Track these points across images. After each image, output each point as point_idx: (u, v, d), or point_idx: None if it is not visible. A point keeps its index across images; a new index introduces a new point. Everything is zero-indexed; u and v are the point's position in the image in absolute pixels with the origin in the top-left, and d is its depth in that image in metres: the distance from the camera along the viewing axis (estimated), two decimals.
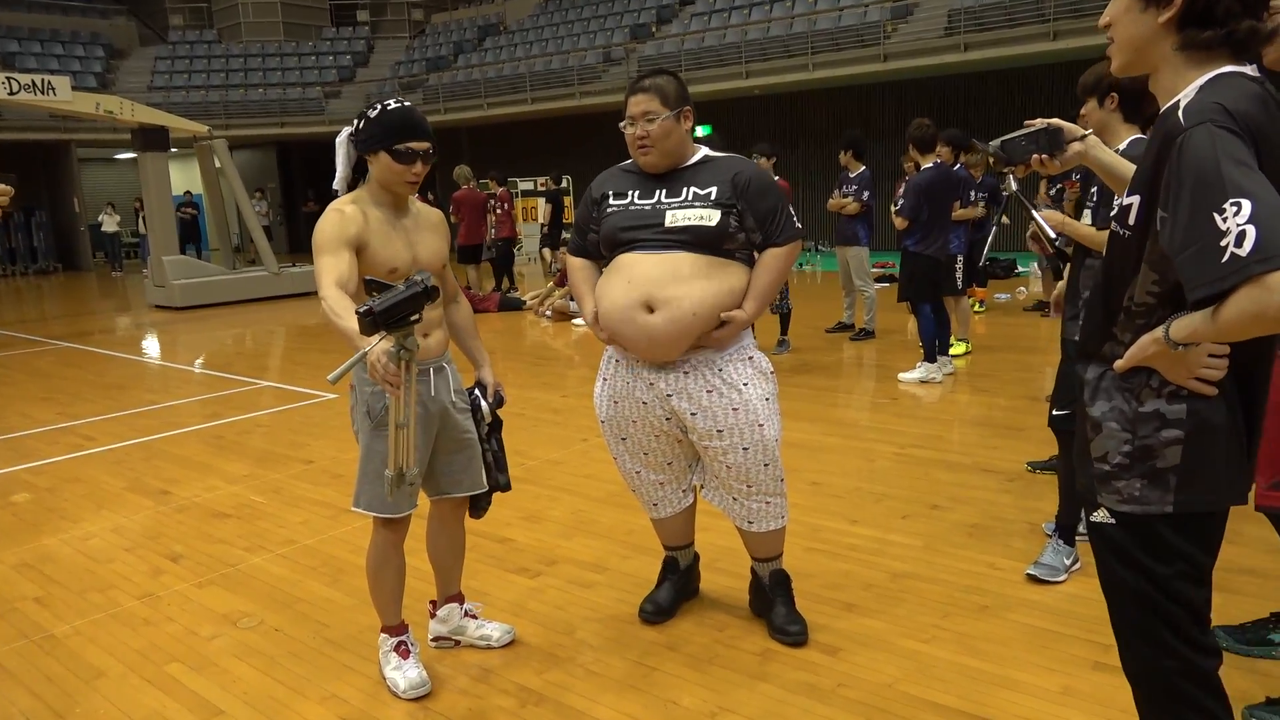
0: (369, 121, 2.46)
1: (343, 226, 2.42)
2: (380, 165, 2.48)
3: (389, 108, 2.47)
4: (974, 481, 4.21)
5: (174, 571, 3.60)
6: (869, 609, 3.02)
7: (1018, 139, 1.93)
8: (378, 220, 2.49)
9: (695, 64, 16.11)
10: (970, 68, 14.00)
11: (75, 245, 21.51)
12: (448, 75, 20.81)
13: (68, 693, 2.72)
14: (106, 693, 2.72)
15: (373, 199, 2.53)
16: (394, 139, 2.43)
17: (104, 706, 2.64)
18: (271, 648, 2.95)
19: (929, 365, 6.23)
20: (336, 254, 2.39)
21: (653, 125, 2.59)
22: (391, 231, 2.51)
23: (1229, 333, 1.34)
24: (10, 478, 5.00)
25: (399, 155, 2.44)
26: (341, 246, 2.40)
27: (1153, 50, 1.50)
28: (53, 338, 10.52)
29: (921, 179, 6.14)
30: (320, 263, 2.40)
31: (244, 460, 5.13)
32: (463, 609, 2.90)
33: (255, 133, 21.26)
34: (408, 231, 2.56)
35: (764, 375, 2.72)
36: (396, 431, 2.29)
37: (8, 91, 10.98)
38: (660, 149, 2.63)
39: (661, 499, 2.91)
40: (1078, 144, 1.92)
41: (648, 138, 2.61)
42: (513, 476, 3.73)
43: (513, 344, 8.89)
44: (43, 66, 19.73)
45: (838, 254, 8.11)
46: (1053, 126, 1.92)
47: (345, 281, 2.36)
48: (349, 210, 2.46)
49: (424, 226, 2.63)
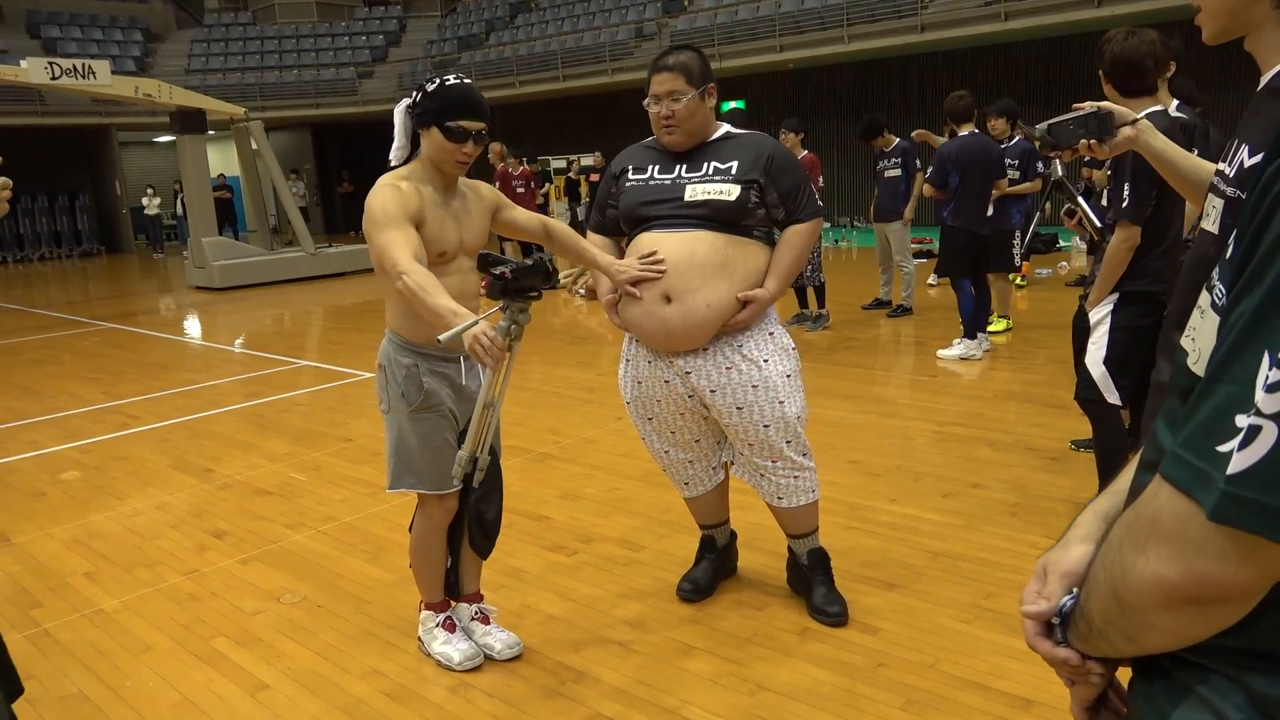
0: (427, 95, 2.41)
1: (403, 201, 2.33)
2: (432, 141, 2.41)
3: (448, 83, 2.41)
4: (1015, 460, 4.15)
5: (218, 548, 3.67)
6: (909, 588, 2.99)
7: (1065, 122, 1.88)
8: (431, 198, 2.43)
9: (728, 38, 15.92)
10: (1010, 38, 13.68)
11: (117, 228, 21.89)
12: (479, 54, 20.78)
13: (118, 666, 2.78)
14: (155, 666, 2.77)
15: (424, 177, 2.46)
16: (449, 115, 2.38)
17: (153, 680, 2.70)
18: (314, 623, 2.99)
19: (969, 342, 6.14)
20: (403, 228, 2.28)
21: (678, 105, 2.57)
22: (442, 213, 2.45)
23: None
24: (60, 456, 5.11)
25: (450, 133, 2.38)
26: (406, 221, 2.30)
27: (1251, 9, 1.36)
28: (96, 319, 10.72)
29: (948, 147, 6.04)
30: (386, 238, 2.25)
31: (284, 439, 5.19)
32: (473, 609, 2.79)
33: (290, 114, 21.42)
34: (456, 214, 2.50)
35: (785, 352, 2.70)
36: (484, 411, 2.28)
37: (50, 76, 11.15)
38: (686, 128, 2.60)
39: (692, 477, 2.90)
40: (1128, 129, 1.85)
41: (673, 117, 2.58)
42: (548, 454, 3.76)
43: (546, 322, 8.90)
44: (82, 51, 20.00)
45: (876, 230, 8.01)
46: (1103, 110, 1.85)
47: (420, 256, 2.25)
48: (405, 186, 2.38)
49: (472, 209, 2.56)
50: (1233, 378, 0.65)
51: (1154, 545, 0.69)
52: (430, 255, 2.38)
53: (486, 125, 2.44)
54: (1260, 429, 0.61)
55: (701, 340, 2.61)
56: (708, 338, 2.61)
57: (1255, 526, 0.62)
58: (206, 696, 2.60)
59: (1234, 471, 0.62)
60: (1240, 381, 0.64)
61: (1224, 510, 0.63)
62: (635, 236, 2.71)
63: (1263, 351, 0.63)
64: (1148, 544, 0.69)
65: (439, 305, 2.09)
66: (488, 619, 2.78)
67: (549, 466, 4.44)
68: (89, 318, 10.86)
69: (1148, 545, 0.69)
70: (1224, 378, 0.66)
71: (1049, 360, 5.96)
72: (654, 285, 2.58)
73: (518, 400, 5.60)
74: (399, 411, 2.54)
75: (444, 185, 2.49)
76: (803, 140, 7.28)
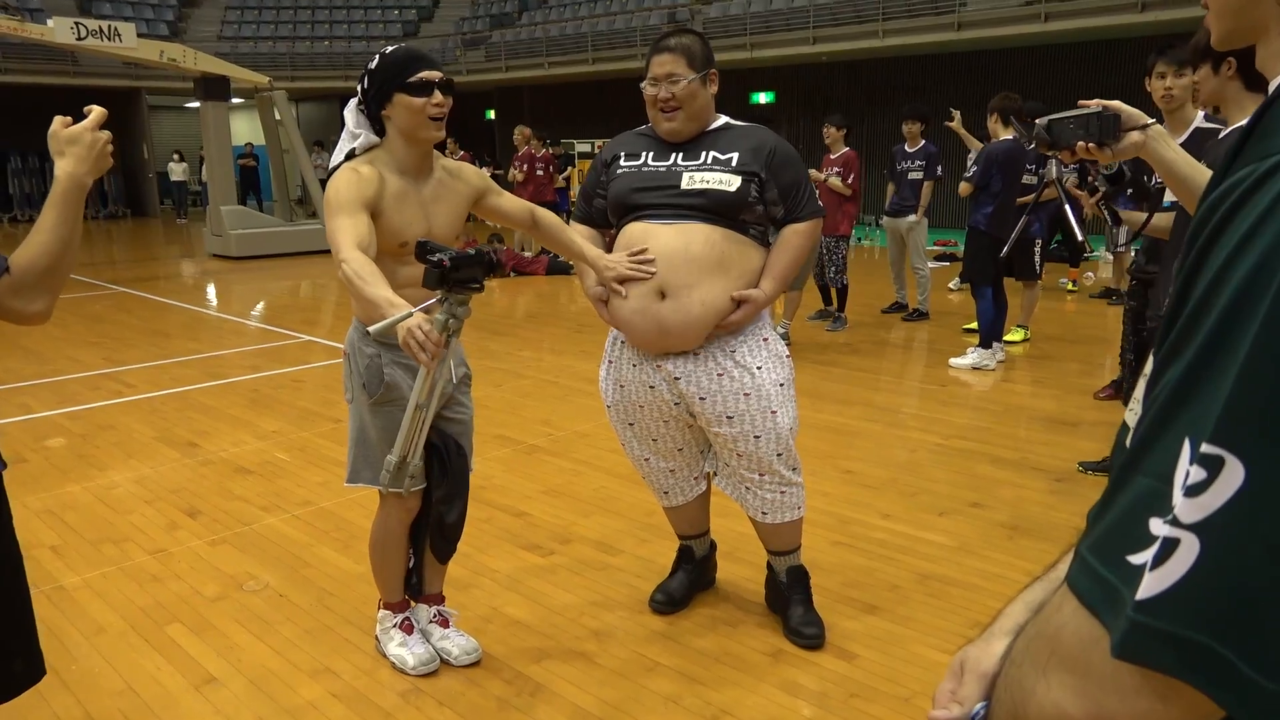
0: (373, 71, 2.29)
1: (360, 187, 2.22)
2: (399, 111, 2.27)
3: (388, 50, 2.31)
4: (1019, 479, 3.98)
5: (189, 527, 3.58)
6: (892, 612, 2.85)
7: (1066, 120, 1.70)
8: (395, 186, 2.30)
9: (763, 27, 15.66)
10: (1051, 39, 13.34)
11: (144, 191, 21.96)
12: (510, 32, 20.61)
13: (68, 648, 2.70)
14: (105, 650, 2.69)
15: (390, 163, 2.32)
16: (406, 73, 2.25)
17: (100, 665, 2.61)
18: (273, 613, 2.90)
19: (983, 351, 5.95)
20: (354, 215, 2.17)
21: (677, 87, 2.42)
22: (407, 200, 2.32)
23: None
24: (48, 422, 5.06)
25: (414, 88, 2.24)
26: (359, 208, 2.19)
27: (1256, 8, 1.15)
28: (111, 282, 10.72)
29: (996, 148, 5.84)
30: (335, 223, 2.16)
31: (275, 416, 5.11)
32: (433, 611, 2.67)
33: (320, 85, 21.36)
34: (425, 203, 2.36)
35: (779, 359, 2.55)
36: (414, 412, 2.16)
37: (75, 37, 11.12)
38: (686, 112, 2.46)
39: (672, 487, 2.77)
40: (1136, 134, 1.66)
41: (673, 99, 2.44)
42: (537, 447, 3.60)
43: (557, 308, 8.78)
44: (117, 13, 20.01)
45: (888, 227, 7.76)
46: (1109, 111, 1.66)
47: (366, 245, 2.13)
48: (365, 170, 2.26)
49: (445, 196, 2.41)
50: (1149, 469, 0.51)
51: (1055, 670, 0.55)
52: (391, 245, 2.26)
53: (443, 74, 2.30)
54: (1178, 543, 0.48)
55: (695, 341, 2.47)
56: (701, 339, 2.47)
57: (1170, 667, 0.48)
58: (151, 687, 2.50)
59: (1145, 597, 0.48)
60: (1156, 475, 0.50)
61: (1132, 645, 0.49)
62: (624, 226, 2.57)
63: (1183, 439, 0.49)
64: (1049, 667, 0.55)
65: (375, 294, 1.96)
66: (447, 622, 2.67)
67: (537, 460, 4.32)
68: (104, 281, 10.86)
69: (1049, 668, 0.55)
70: (1140, 467, 0.52)
71: (1064, 375, 5.76)
72: (647, 280, 2.44)
73: (514, 389, 5.48)
74: (360, 403, 2.44)
75: (415, 168, 2.36)
76: (845, 136, 7.08)
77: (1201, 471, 0.47)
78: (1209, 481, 0.47)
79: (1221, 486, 0.47)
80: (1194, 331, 0.50)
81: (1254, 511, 0.46)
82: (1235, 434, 0.47)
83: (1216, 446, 0.47)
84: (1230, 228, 0.50)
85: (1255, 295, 0.47)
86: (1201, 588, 0.47)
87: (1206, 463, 0.47)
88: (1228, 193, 0.51)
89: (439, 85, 2.27)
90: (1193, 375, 0.49)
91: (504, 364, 6.22)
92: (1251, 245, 0.48)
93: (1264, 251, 0.47)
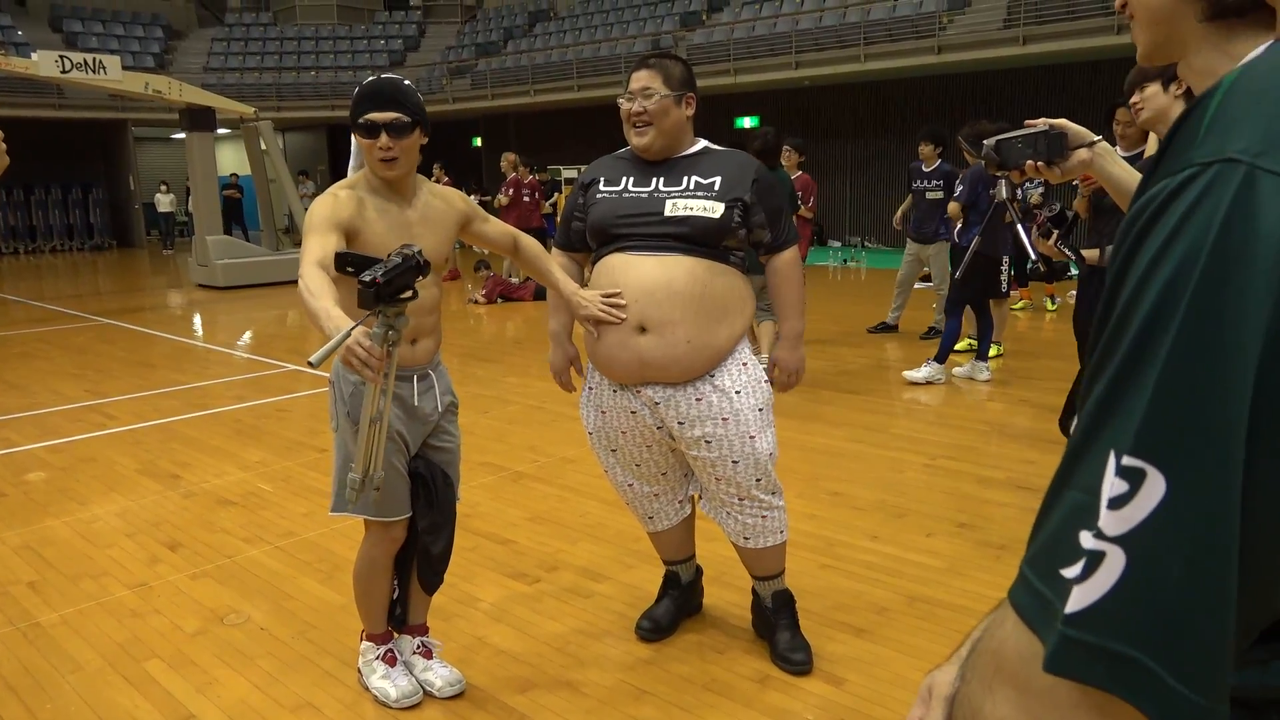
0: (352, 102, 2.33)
1: (335, 209, 2.24)
2: (359, 146, 2.32)
3: (363, 82, 2.32)
4: (1007, 499, 3.97)
5: (170, 560, 3.53)
6: (881, 635, 2.83)
7: (1014, 140, 1.70)
8: (374, 208, 2.31)
9: (746, 53, 15.81)
10: (1029, 61, 13.51)
11: (130, 222, 21.92)
12: (496, 61, 20.75)
13: (42, 686, 2.65)
14: (81, 688, 2.64)
15: (368, 186, 2.35)
16: (357, 113, 2.28)
17: (76, 704, 2.56)
18: (254, 648, 2.85)
19: (936, 366, 6.07)
20: (324, 235, 2.18)
21: (650, 101, 2.43)
22: (387, 222, 2.32)
23: None
24: (29, 455, 5.00)
25: (361, 129, 2.28)
26: (331, 229, 2.20)
27: (1178, 23, 0.92)
28: (94, 314, 10.66)
29: (980, 170, 5.93)
30: (306, 243, 2.19)
31: (259, 446, 5.07)
32: (416, 642, 2.63)
33: (306, 115, 21.43)
34: (407, 224, 2.36)
35: (758, 384, 2.54)
36: (369, 427, 2.14)
37: (60, 70, 11.12)
38: (658, 127, 2.46)
39: (657, 511, 2.74)
40: (1084, 152, 1.68)
41: (645, 114, 2.44)
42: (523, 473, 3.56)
43: (543, 334, 8.72)
44: (103, 46, 20.09)
45: (910, 251, 7.68)
46: (1055, 129, 1.67)
47: (329, 265, 2.14)
48: (343, 194, 2.29)
49: (432, 219, 2.41)
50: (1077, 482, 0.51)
51: (1000, 687, 0.54)
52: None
53: (405, 114, 2.28)
54: (1103, 556, 0.47)
55: (679, 377, 2.45)
56: (686, 376, 2.45)
57: (1100, 679, 0.48)
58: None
59: (1073, 610, 0.48)
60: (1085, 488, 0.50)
61: (1060, 658, 0.49)
62: (603, 258, 2.55)
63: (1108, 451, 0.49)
64: (994, 683, 0.55)
65: (315, 305, 1.95)
66: (430, 653, 2.63)
67: (522, 486, 4.29)
68: (87, 312, 10.80)
69: (994, 685, 0.55)
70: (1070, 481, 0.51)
71: (1048, 393, 5.78)
72: (628, 313, 2.43)
73: (500, 415, 5.46)
74: (345, 431, 2.41)
75: (393, 193, 2.36)
76: (800, 163, 7.19)
77: (1124, 484, 0.48)
78: (1131, 494, 0.47)
79: (1143, 499, 0.47)
80: (1117, 344, 0.50)
81: (1175, 523, 0.46)
82: (1155, 446, 0.47)
83: (1137, 459, 0.47)
84: (1148, 241, 0.50)
85: (1170, 306, 0.48)
86: (1127, 600, 0.47)
87: (1128, 475, 0.48)
88: (1145, 206, 0.51)
89: (387, 127, 2.26)
90: (1116, 388, 0.49)
91: (491, 390, 6.19)
92: (1166, 257, 0.49)
93: (1177, 264, 0.48)
